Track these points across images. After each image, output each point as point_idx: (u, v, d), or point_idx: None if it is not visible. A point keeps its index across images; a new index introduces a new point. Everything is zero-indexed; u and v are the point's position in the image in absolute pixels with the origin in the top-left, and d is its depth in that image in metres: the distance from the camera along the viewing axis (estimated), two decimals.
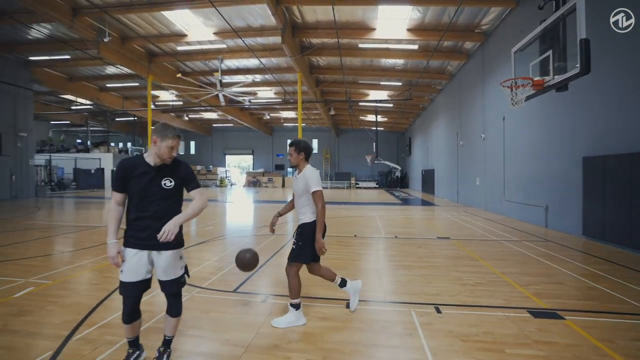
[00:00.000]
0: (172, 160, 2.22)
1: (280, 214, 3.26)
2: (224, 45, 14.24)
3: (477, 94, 13.14)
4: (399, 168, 31.44)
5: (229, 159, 37.90)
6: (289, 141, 3.19)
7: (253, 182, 32.39)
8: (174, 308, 2.28)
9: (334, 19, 10.58)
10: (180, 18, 12.24)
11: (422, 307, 3.35)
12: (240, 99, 20.03)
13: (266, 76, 18.16)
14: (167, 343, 2.31)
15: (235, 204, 15.96)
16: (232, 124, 32.83)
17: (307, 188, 2.96)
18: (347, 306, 3.36)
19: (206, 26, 12.79)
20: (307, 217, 2.99)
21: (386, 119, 28.90)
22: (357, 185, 32.55)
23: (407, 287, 4.00)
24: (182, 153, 37.47)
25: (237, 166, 40.80)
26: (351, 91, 20.15)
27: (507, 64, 9.24)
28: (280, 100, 21.86)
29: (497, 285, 4.07)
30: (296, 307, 2.96)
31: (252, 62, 16.43)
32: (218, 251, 5.95)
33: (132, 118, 28.75)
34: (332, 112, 24.05)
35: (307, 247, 2.96)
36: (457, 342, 2.64)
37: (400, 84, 18.71)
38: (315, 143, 35.38)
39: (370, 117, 27.60)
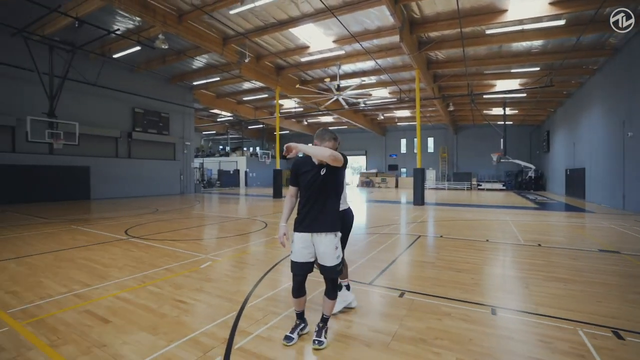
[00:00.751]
0: None
1: None
2: (342, 52, 14.95)
3: None
4: (533, 167, 26.93)
5: None
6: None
7: (366, 182, 32.90)
8: (331, 292, 2.60)
9: (456, 7, 9.88)
10: (304, 32, 13.44)
11: (592, 328, 2.84)
12: (356, 101, 20.69)
13: (381, 76, 18.22)
14: (324, 320, 2.63)
15: (353, 203, 16.54)
16: (346, 126, 34.09)
17: None
18: (493, 312, 3.13)
19: (326, 36, 13.70)
20: None
21: (516, 111, 25.17)
22: (479, 187, 29.39)
23: (565, 302, 3.44)
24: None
25: (349, 166, 41.87)
26: (474, 83, 18.34)
27: None
28: (395, 99, 21.58)
29: None
30: (347, 287, 3.23)
31: (368, 64, 16.75)
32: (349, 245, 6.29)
33: (261, 125, 32.95)
34: (451, 108, 22.37)
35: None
36: None
37: (537, 69, 16.05)
38: (430, 142, 33.56)
39: (497, 111, 24.53)
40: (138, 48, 14.36)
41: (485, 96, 20.48)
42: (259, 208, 13.26)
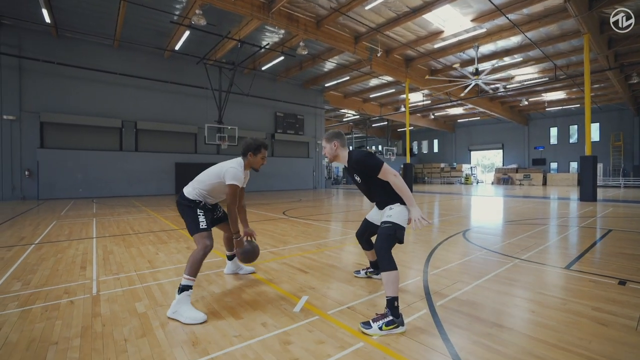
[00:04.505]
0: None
1: None
2: (482, 30, 13.50)
3: None
4: None
5: (474, 155, 35.52)
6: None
7: (504, 179, 28.81)
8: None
9: None
10: (437, 16, 12.69)
11: None
12: (493, 86, 18.41)
13: (529, 53, 15.61)
14: (387, 302, 2.14)
15: (487, 197, 14.70)
16: (478, 117, 30.70)
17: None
18: None
19: (463, 15, 12.58)
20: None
21: None
22: None
23: None
24: (426, 152, 38.92)
25: (477, 164, 36.70)
26: None
27: None
28: (546, 78, 18.20)
29: None
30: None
31: (513, 40, 14.62)
32: (512, 235, 5.60)
33: (385, 123, 32.86)
34: (634, 80, 17.33)
35: None
36: None
37: None
38: (595, 128, 26.85)
39: None
40: (282, 58, 16.34)
41: None
42: None
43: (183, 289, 2.34)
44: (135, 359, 1.77)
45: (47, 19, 12.07)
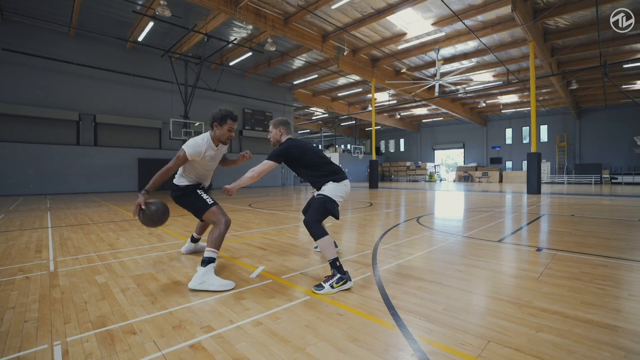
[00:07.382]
0: None
1: None
2: (441, 34, 14.31)
3: None
4: None
5: (438, 154, 37.24)
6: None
7: (465, 176, 30.49)
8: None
9: None
10: (400, 18, 13.30)
11: None
12: (454, 88, 19.49)
13: (485, 57, 16.74)
14: (330, 265, 2.35)
15: (449, 192, 15.62)
16: (441, 118, 32.22)
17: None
18: None
19: (425, 19, 13.29)
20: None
21: None
22: (613, 181, 24.35)
23: None
24: (392, 150, 40.18)
25: (441, 164, 38.49)
26: (609, 51, 15.37)
27: None
28: (500, 82, 19.56)
29: None
30: (208, 261, 2.41)
31: (470, 45, 15.63)
32: (470, 217, 6.12)
33: (353, 122, 33.58)
34: (574, 86, 19.10)
35: None
36: None
37: None
38: (544, 130, 29.19)
39: None
40: (250, 54, 16.31)
41: (626, 65, 16.91)
42: (360, 194, 13.63)
43: (208, 261, 2.37)
44: (95, 315, 1.89)
45: None
